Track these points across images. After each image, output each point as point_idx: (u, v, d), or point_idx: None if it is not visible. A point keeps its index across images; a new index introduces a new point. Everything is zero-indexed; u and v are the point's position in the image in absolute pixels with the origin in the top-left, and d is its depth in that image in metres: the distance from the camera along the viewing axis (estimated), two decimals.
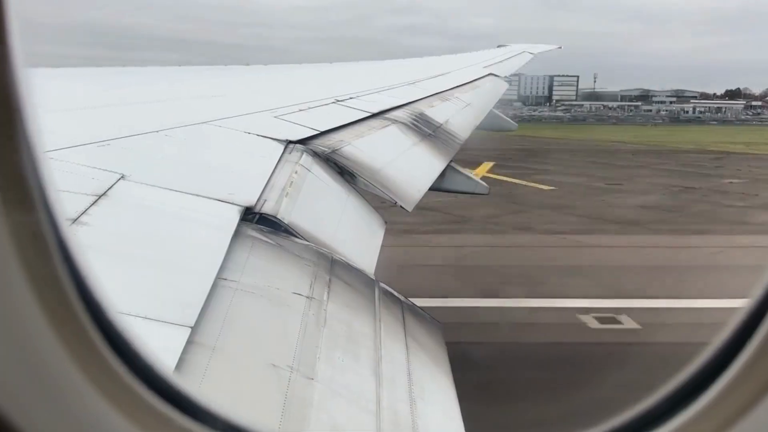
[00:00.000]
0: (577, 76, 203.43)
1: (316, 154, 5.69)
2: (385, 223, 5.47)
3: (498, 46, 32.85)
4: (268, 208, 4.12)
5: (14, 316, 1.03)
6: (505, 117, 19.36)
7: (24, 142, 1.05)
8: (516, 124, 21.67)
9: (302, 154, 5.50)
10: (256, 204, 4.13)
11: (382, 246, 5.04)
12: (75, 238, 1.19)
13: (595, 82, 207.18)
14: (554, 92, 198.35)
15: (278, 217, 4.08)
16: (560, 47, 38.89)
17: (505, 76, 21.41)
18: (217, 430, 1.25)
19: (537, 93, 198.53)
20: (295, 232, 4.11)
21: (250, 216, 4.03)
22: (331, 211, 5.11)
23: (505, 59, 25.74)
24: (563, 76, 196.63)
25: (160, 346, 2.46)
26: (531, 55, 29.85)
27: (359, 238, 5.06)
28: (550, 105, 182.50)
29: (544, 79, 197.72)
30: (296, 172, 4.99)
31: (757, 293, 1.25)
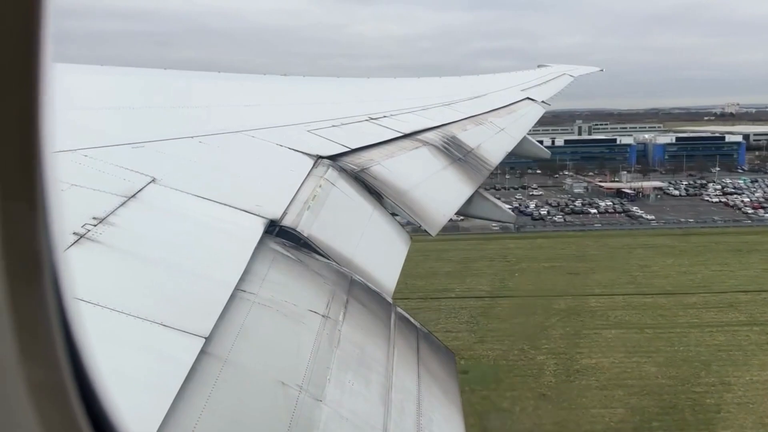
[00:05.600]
0: None
1: (344, 171, 5.72)
2: (411, 238, 5.46)
3: (538, 66, 32.56)
4: (288, 221, 4.14)
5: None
6: (538, 144, 19.20)
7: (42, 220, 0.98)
8: (549, 153, 21.41)
9: (328, 168, 5.54)
10: (281, 217, 4.16)
11: None
12: (80, 319, 1.08)
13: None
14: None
15: (297, 229, 4.10)
16: (602, 70, 38.20)
17: (542, 101, 21.27)
18: None
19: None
20: (316, 247, 4.12)
21: (274, 228, 4.05)
22: (354, 226, 5.11)
23: (544, 82, 25.46)
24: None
25: (172, 354, 2.48)
26: (571, 78, 29.45)
27: (382, 254, 5.04)
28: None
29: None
30: (320, 186, 5.02)
31: None
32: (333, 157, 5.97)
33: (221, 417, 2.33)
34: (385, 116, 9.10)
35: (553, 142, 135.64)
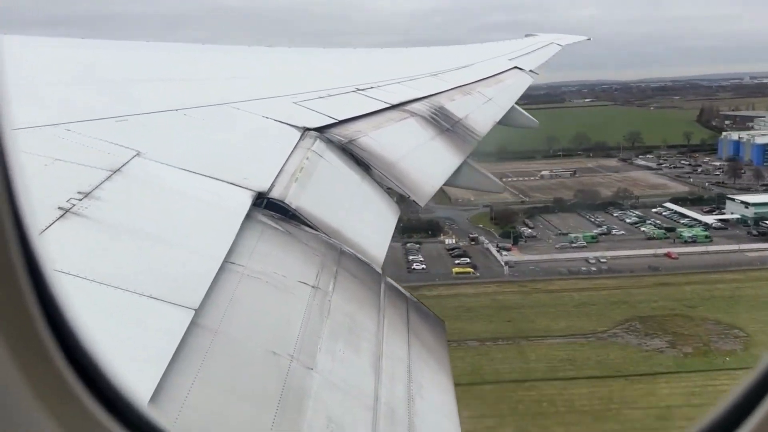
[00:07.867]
0: None
1: (331, 143, 5.68)
2: (399, 210, 5.48)
3: (526, 36, 32.40)
4: (276, 193, 4.13)
5: None
6: (526, 114, 19.12)
7: None
8: (537, 122, 21.33)
9: (315, 140, 5.50)
10: (268, 190, 4.14)
11: None
12: (46, 254, 1.08)
13: None
14: None
15: (285, 201, 4.09)
16: (589, 39, 38.20)
17: (530, 70, 21.12)
18: None
19: None
20: (304, 219, 4.12)
21: (262, 201, 4.04)
22: (342, 198, 5.11)
23: (532, 51, 25.30)
24: None
25: (163, 326, 2.49)
26: (559, 47, 29.32)
27: (371, 224, 5.05)
28: None
29: None
30: (308, 158, 4.99)
31: None
32: (320, 129, 5.92)
33: (213, 387, 2.35)
34: (372, 87, 9.01)
35: None
